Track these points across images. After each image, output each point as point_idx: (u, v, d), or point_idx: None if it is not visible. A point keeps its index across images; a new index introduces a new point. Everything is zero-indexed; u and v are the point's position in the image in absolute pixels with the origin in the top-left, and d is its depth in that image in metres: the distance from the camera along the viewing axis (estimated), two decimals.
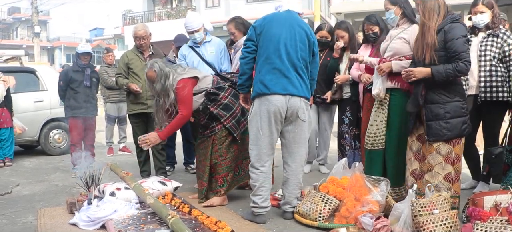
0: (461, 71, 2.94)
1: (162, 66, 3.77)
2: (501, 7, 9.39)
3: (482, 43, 3.72)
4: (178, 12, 22.61)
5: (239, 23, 4.30)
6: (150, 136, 3.88)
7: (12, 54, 7.56)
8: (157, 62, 3.82)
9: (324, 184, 3.40)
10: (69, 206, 3.61)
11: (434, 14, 3.02)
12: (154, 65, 3.78)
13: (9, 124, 6.31)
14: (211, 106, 3.76)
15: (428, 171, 3.11)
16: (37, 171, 5.86)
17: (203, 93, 3.80)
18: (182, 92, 3.71)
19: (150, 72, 3.79)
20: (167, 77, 3.73)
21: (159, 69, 3.75)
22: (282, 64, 3.17)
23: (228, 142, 3.77)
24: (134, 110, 4.79)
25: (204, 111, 3.83)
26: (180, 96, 3.72)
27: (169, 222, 2.90)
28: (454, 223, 2.68)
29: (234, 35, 4.32)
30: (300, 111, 3.23)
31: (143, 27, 4.86)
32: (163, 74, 3.73)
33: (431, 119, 3.06)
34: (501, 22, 3.71)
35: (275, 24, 3.23)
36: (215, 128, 3.76)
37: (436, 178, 3.07)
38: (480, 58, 3.69)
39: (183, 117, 3.77)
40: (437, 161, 3.07)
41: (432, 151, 3.08)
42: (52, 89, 7.27)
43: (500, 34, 3.68)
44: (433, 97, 3.06)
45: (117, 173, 4.02)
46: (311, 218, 3.15)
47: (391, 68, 3.49)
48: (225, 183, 3.78)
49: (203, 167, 3.84)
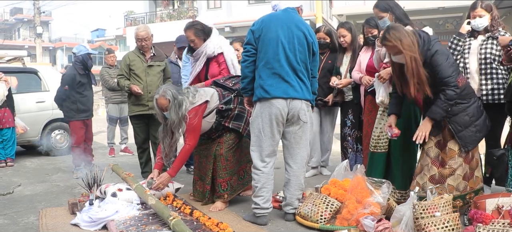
0: (451, 98, 2.98)
1: (175, 94, 3.55)
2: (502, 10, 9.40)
3: (482, 46, 3.71)
4: (180, 13, 22.61)
5: (198, 29, 4.00)
6: (161, 178, 3.68)
7: (15, 55, 7.57)
8: (170, 89, 3.59)
9: (325, 186, 3.40)
10: (71, 206, 3.61)
11: (415, 47, 2.96)
12: (167, 93, 3.55)
13: (11, 124, 6.32)
14: (224, 121, 3.71)
15: (450, 175, 3.13)
16: (39, 171, 5.87)
17: (214, 112, 3.68)
18: (193, 122, 3.55)
19: (162, 100, 3.57)
20: (180, 106, 3.53)
21: (172, 97, 3.53)
22: (282, 69, 3.17)
23: (235, 146, 3.77)
24: (136, 112, 4.79)
25: (217, 129, 3.74)
26: (189, 126, 3.55)
27: (171, 223, 2.91)
28: (456, 225, 2.67)
29: (194, 42, 4.03)
30: (301, 112, 3.23)
31: (145, 28, 4.86)
32: (177, 104, 3.53)
33: (460, 130, 3.10)
34: (499, 25, 3.71)
35: (273, 27, 3.21)
36: (222, 133, 3.75)
37: (457, 180, 3.13)
38: (481, 61, 3.68)
39: (190, 148, 3.62)
40: (458, 164, 3.13)
41: (454, 156, 3.12)
42: (54, 89, 7.28)
43: (500, 36, 3.67)
44: (453, 109, 3.09)
45: (119, 174, 4.02)
46: (313, 220, 3.15)
47: (391, 74, 3.50)
48: (229, 187, 3.76)
49: (205, 169, 3.80)
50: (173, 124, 3.56)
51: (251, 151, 3.33)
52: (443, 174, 3.15)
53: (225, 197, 3.75)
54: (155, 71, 4.80)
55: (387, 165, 3.63)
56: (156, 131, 4.47)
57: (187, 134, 3.59)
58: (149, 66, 4.78)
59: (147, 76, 4.75)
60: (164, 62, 4.94)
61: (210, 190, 3.79)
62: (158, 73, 4.82)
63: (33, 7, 23.50)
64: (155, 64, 4.82)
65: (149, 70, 4.76)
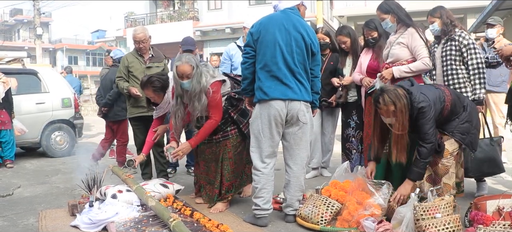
0: (423, 155, 3.05)
1: (198, 62, 3.46)
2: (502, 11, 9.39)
3: (443, 49, 3.87)
4: (180, 14, 22.64)
5: (157, 87, 3.88)
6: (182, 147, 3.60)
7: (14, 56, 7.56)
8: (193, 57, 3.50)
9: (326, 188, 3.40)
10: (71, 208, 3.60)
11: (406, 110, 3.01)
12: (191, 60, 3.43)
13: (8, 126, 6.27)
14: (231, 110, 3.69)
15: (445, 173, 3.20)
16: (39, 173, 5.86)
17: (225, 97, 3.65)
18: (216, 96, 3.50)
19: (186, 66, 3.41)
20: (202, 75, 3.46)
21: (196, 65, 3.42)
22: (280, 71, 3.17)
23: (241, 148, 3.75)
24: (135, 113, 4.77)
25: (226, 123, 3.70)
26: (213, 101, 3.50)
27: (171, 224, 2.90)
28: (456, 227, 2.67)
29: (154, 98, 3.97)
30: (300, 113, 3.23)
31: (143, 30, 4.82)
32: (199, 72, 3.44)
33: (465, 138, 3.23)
34: (456, 26, 3.83)
35: (271, 29, 3.21)
36: (229, 133, 3.71)
37: (452, 179, 3.22)
38: (443, 63, 3.86)
39: (216, 123, 3.56)
40: (451, 162, 3.21)
41: (447, 155, 3.19)
42: (53, 91, 7.30)
43: (456, 36, 3.80)
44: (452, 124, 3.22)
45: (119, 175, 4.02)
46: (313, 221, 3.14)
47: (393, 74, 3.50)
48: (233, 188, 3.76)
49: (214, 173, 3.75)
50: (193, 93, 3.43)
51: (251, 152, 3.34)
52: (438, 173, 3.22)
53: (229, 198, 3.75)
54: (154, 72, 4.78)
55: (387, 167, 3.63)
56: None
57: (212, 110, 3.53)
58: (148, 67, 4.77)
59: None
60: (163, 62, 4.91)
61: (217, 194, 3.74)
62: None
63: (33, 8, 23.50)
64: (154, 65, 4.80)
65: (148, 71, 4.74)
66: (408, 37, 3.59)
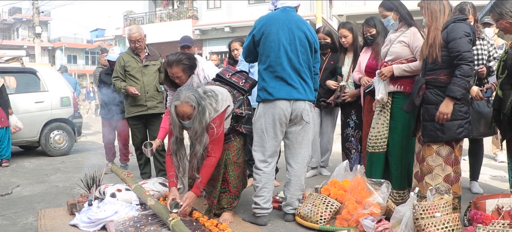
0: (465, 74, 2.88)
1: (199, 99, 2.97)
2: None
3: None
4: (180, 13, 22.59)
5: (186, 66, 3.52)
6: (188, 202, 3.11)
7: (13, 55, 7.56)
8: (192, 93, 2.96)
9: (325, 187, 3.40)
10: (70, 207, 3.60)
11: (440, 15, 3.06)
12: (191, 98, 2.93)
13: (4, 124, 6.24)
14: (237, 126, 3.36)
15: (428, 173, 3.09)
16: (38, 172, 5.85)
17: (230, 117, 3.30)
18: (219, 131, 3.10)
19: (187, 107, 2.93)
20: (204, 113, 2.99)
21: (197, 103, 2.95)
22: (284, 72, 3.17)
23: (242, 149, 3.49)
24: (134, 113, 4.76)
25: (229, 133, 3.36)
26: (214, 137, 3.08)
27: (170, 224, 2.90)
28: (456, 226, 2.67)
29: (180, 78, 3.53)
30: (304, 113, 3.24)
31: (138, 29, 4.80)
32: (201, 111, 2.96)
33: (427, 119, 3.06)
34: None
35: (274, 29, 3.19)
36: (231, 137, 3.37)
37: (436, 180, 3.05)
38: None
39: (216, 160, 3.16)
40: (437, 163, 3.06)
41: (432, 153, 3.07)
42: (52, 89, 7.29)
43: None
44: (431, 98, 3.06)
45: (118, 174, 4.02)
46: (312, 220, 3.14)
47: (393, 72, 3.49)
48: (240, 195, 3.51)
49: (214, 181, 3.36)
50: (194, 135, 3.02)
51: (253, 151, 3.32)
52: (422, 171, 3.13)
53: (234, 206, 3.46)
54: (151, 71, 4.77)
55: (386, 165, 3.63)
56: (155, 132, 4.47)
57: (212, 145, 3.09)
58: (144, 66, 4.76)
59: (144, 76, 4.72)
60: (159, 60, 4.90)
61: (216, 204, 3.43)
62: (154, 72, 4.79)
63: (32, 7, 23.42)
64: (151, 64, 4.79)
65: (145, 70, 4.74)
66: (410, 36, 3.58)
